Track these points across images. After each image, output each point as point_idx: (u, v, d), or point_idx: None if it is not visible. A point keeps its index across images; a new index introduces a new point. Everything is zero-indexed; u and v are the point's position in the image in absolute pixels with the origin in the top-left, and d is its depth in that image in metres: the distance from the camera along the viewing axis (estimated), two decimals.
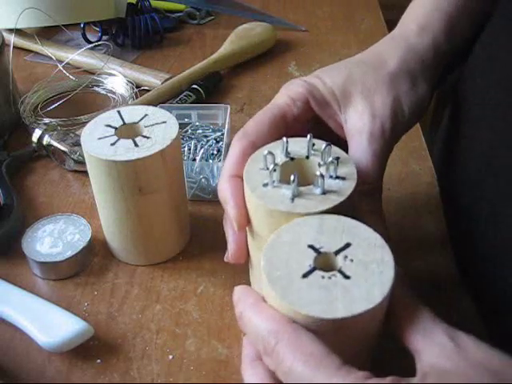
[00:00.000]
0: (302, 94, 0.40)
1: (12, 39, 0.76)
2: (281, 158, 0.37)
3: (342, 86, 0.41)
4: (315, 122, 0.42)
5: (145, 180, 0.43)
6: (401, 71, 0.42)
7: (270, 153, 0.36)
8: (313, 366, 0.27)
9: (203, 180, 0.54)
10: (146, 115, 0.46)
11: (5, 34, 0.72)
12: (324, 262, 0.31)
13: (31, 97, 0.70)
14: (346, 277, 0.30)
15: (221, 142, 0.59)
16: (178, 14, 0.92)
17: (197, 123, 0.62)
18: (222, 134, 0.60)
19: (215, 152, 0.58)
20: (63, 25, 0.77)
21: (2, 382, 0.40)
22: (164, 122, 0.46)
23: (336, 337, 0.29)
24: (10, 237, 0.50)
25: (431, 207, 0.54)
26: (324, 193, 0.34)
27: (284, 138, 0.37)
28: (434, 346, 0.27)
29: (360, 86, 0.41)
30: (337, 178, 0.35)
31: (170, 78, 0.73)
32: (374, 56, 0.43)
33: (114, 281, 0.48)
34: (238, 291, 0.33)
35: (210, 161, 0.56)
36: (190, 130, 0.61)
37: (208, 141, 0.59)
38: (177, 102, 0.67)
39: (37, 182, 0.59)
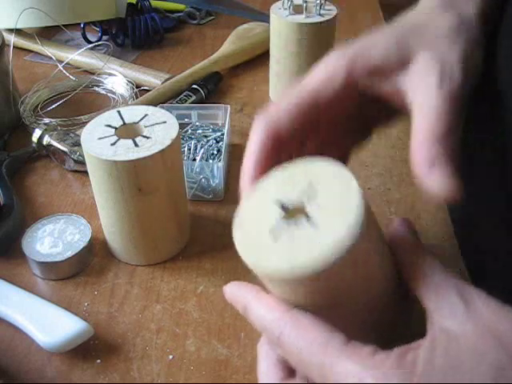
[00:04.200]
0: (342, 66, 0.33)
1: (12, 39, 0.76)
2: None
3: (397, 43, 0.33)
4: (360, 97, 0.35)
5: (145, 180, 0.43)
6: (460, 26, 0.34)
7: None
8: (319, 352, 0.27)
9: (203, 180, 0.54)
10: (145, 115, 0.46)
11: (5, 34, 0.72)
12: (291, 213, 0.29)
13: (31, 97, 0.70)
14: (312, 225, 0.28)
15: (221, 142, 0.59)
16: (178, 14, 0.92)
17: (197, 123, 0.62)
18: (222, 134, 0.60)
19: (215, 152, 0.58)
20: (63, 25, 0.77)
21: (2, 382, 0.40)
22: (164, 122, 0.46)
23: (318, 295, 0.28)
24: (9, 237, 0.50)
25: (431, 207, 0.54)
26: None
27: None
28: (445, 307, 0.27)
29: (419, 39, 0.33)
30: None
31: (170, 77, 0.73)
32: (428, 17, 0.35)
33: (114, 281, 0.48)
34: (234, 288, 0.32)
35: (210, 161, 0.56)
36: (190, 130, 0.61)
37: (208, 141, 0.59)
38: (177, 102, 0.67)
39: (37, 182, 0.59)
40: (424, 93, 0.31)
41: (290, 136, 0.33)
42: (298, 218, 0.29)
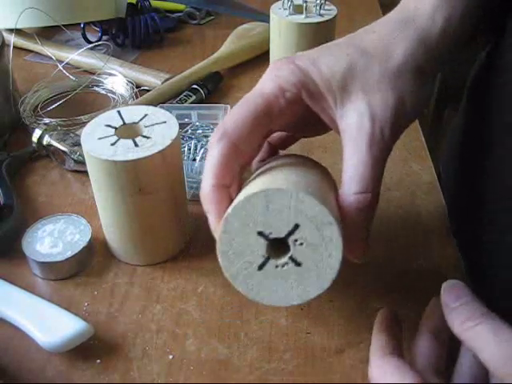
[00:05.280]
0: (294, 84, 0.36)
1: (12, 39, 0.76)
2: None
3: (341, 79, 0.36)
4: (305, 111, 0.38)
5: (145, 180, 0.43)
6: (408, 66, 0.37)
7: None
8: None
9: None
10: (145, 115, 0.46)
11: (5, 34, 0.72)
12: (275, 249, 0.33)
13: (31, 97, 0.70)
14: (298, 264, 0.33)
15: None
16: (178, 14, 0.92)
17: (197, 123, 0.62)
18: None
19: None
20: (63, 25, 0.77)
21: (2, 382, 0.40)
22: (164, 122, 0.46)
23: None
24: (10, 237, 0.50)
25: (431, 207, 0.54)
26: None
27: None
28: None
29: (361, 81, 0.36)
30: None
31: (170, 77, 0.73)
32: (379, 43, 0.37)
33: (114, 281, 0.48)
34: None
35: None
36: (190, 130, 0.61)
37: (208, 141, 0.59)
38: (177, 102, 0.67)
39: (37, 182, 0.59)
40: (354, 147, 0.35)
41: (247, 144, 0.36)
42: (282, 251, 0.33)
